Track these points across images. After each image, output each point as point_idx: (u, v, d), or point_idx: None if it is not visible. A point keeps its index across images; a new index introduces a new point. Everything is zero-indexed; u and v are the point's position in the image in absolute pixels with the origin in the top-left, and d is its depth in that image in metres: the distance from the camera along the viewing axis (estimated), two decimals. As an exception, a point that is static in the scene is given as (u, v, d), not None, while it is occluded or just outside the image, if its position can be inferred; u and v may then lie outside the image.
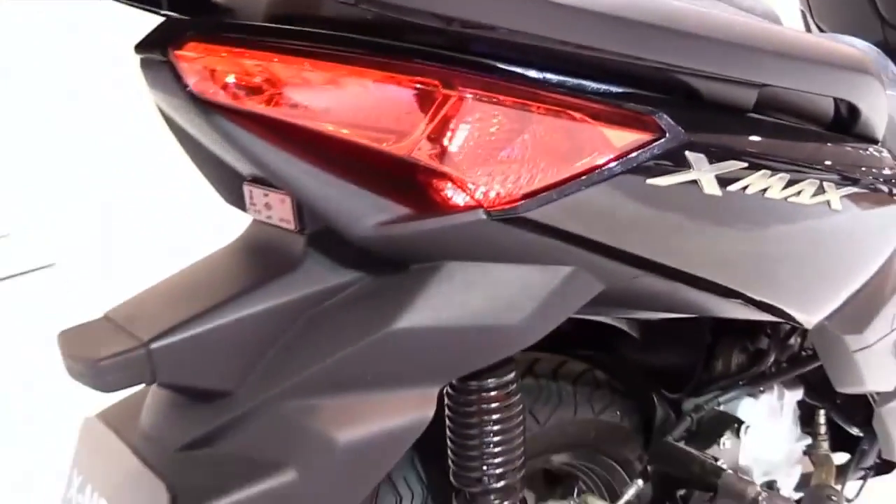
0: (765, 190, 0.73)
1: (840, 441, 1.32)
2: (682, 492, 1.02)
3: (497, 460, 0.75)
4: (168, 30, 0.62)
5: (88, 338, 0.65)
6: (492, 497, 0.76)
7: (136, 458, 0.65)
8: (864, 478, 1.38)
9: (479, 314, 0.66)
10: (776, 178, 0.73)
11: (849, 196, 0.80)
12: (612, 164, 0.65)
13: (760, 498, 0.90)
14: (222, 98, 0.60)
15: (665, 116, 0.67)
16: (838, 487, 1.27)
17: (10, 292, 3.23)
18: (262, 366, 0.66)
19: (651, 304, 0.78)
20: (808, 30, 1.93)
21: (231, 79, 0.60)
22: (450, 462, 0.78)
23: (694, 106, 0.70)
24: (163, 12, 0.72)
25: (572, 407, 0.95)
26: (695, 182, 0.69)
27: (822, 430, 1.25)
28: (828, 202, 0.77)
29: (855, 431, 1.30)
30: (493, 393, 0.74)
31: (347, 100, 0.60)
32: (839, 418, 1.27)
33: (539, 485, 1.08)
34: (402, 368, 0.66)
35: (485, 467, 0.75)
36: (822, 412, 1.24)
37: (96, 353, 0.61)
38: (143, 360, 0.61)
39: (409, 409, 0.66)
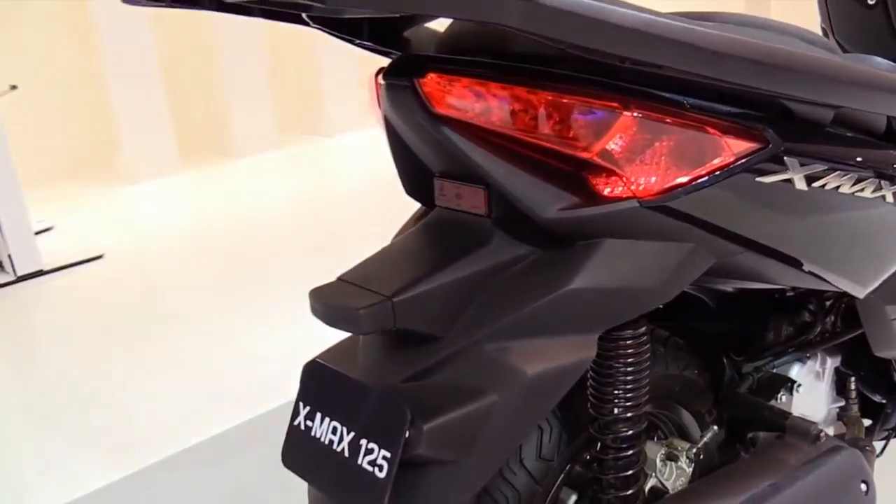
0: (838, 186, 0.94)
1: (865, 408, 1.54)
2: (750, 434, 1.23)
3: (628, 395, 0.97)
4: (410, 64, 0.84)
5: (338, 294, 0.86)
6: (621, 425, 0.98)
7: (373, 389, 0.86)
8: (887, 438, 1.60)
9: (628, 279, 0.87)
10: (847, 177, 0.95)
11: (897, 191, 1.02)
12: (731, 166, 0.87)
13: (822, 435, 1.12)
14: (454, 113, 0.82)
15: (770, 130, 0.88)
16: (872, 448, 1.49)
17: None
18: (464, 317, 0.87)
19: (746, 276, 0.99)
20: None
21: (459, 100, 0.82)
22: (589, 397, 0.99)
23: (788, 122, 0.91)
24: (366, 44, 0.94)
25: (664, 364, 1.16)
26: (790, 180, 0.90)
27: (853, 395, 1.46)
28: (883, 196, 0.99)
29: (878, 399, 1.52)
30: (629, 341, 0.95)
31: (550, 116, 0.81)
32: (865, 387, 1.49)
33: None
34: (571, 319, 0.87)
35: (618, 400, 0.97)
36: (852, 380, 1.46)
37: (356, 304, 0.82)
38: (389, 310, 0.82)
39: (577, 351, 0.87)
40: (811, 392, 1.36)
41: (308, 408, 0.93)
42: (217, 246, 3.79)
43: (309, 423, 0.93)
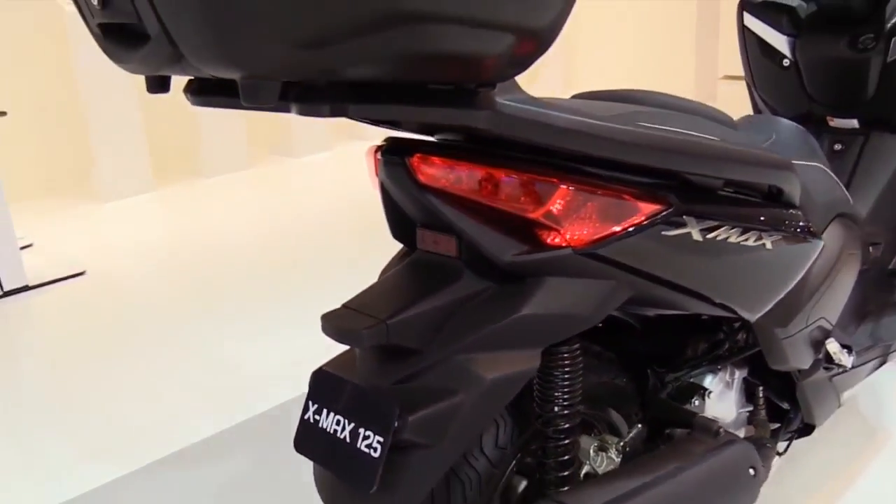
0: (727, 237, 1.23)
1: (773, 414, 1.83)
2: (667, 431, 1.52)
3: (565, 397, 1.24)
4: (401, 145, 1.11)
5: (344, 318, 1.12)
6: (559, 420, 1.25)
7: (370, 390, 1.12)
8: (790, 439, 1.89)
9: (565, 307, 1.15)
10: (734, 230, 1.24)
11: (776, 240, 1.31)
12: (642, 223, 1.15)
13: (721, 431, 1.41)
14: (431, 183, 1.09)
15: (672, 195, 1.17)
16: (776, 456, 1.79)
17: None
18: (441, 336, 1.13)
19: (660, 305, 1.28)
20: (752, 99, 2.47)
21: (438, 174, 1.09)
22: (535, 398, 1.26)
23: (688, 188, 1.20)
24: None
25: (599, 374, 1.44)
26: (689, 233, 1.19)
27: (761, 402, 1.75)
28: (764, 244, 1.29)
29: (784, 405, 1.81)
30: (566, 355, 1.23)
31: (506, 187, 1.08)
32: (772, 394, 1.78)
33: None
34: (521, 338, 1.14)
35: (557, 401, 1.24)
36: (760, 389, 1.75)
37: (359, 326, 1.08)
38: (384, 330, 1.08)
39: (525, 362, 1.14)
40: (722, 398, 1.65)
41: (316, 405, 1.19)
42: (192, 262, 4.01)
43: (317, 417, 1.18)
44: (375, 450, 1.08)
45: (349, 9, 0.78)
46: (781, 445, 1.88)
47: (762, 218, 1.30)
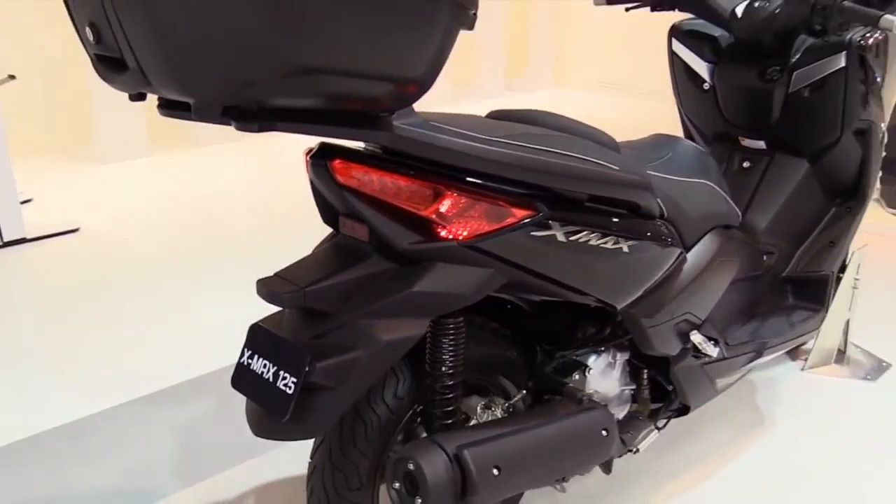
0: (588, 240, 1.54)
1: (658, 394, 2.13)
2: (546, 397, 1.83)
3: (451, 359, 1.55)
4: (327, 150, 1.40)
5: (274, 283, 1.42)
6: (446, 379, 1.56)
7: (290, 342, 1.43)
8: (668, 417, 2.19)
9: (449, 287, 1.45)
10: (594, 235, 1.54)
11: (632, 245, 1.62)
12: (514, 224, 1.45)
13: (585, 398, 1.72)
14: (347, 183, 1.39)
15: (541, 203, 1.47)
16: (655, 431, 2.08)
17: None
18: (349, 303, 1.43)
19: (535, 291, 1.58)
20: (680, 117, 2.76)
21: (353, 176, 1.39)
22: (427, 359, 1.57)
23: (556, 198, 1.50)
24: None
25: (494, 347, 1.75)
26: (554, 234, 1.49)
27: (645, 382, 2.05)
28: (621, 248, 1.59)
29: (670, 388, 2.11)
30: (451, 326, 1.53)
31: (405, 190, 1.38)
32: (657, 376, 2.09)
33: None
34: (413, 309, 1.44)
35: (444, 361, 1.55)
36: (644, 371, 2.06)
37: (283, 290, 1.38)
38: (301, 295, 1.39)
39: (414, 328, 1.44)
40: (605, 376, 1.94)
41: (249, 352, 1.50)
42: (180, 224, 4.32)
43: (249, 361, 1.49)
44: (290, 388, 1.39)
45: (262, 64, 1.08)
46: (662, 423, 2.19)
47: (620, 226, 1.60)
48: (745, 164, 2.53)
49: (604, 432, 1.67)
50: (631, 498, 2.19)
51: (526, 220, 1.46)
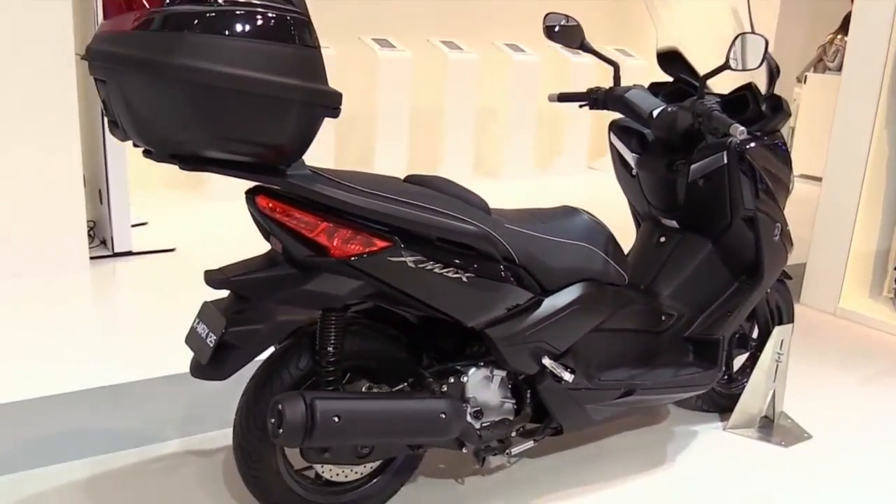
0: (433, 269, 2.17)
1: (540, 415, 2.64)
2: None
3: (331, 343, 2.21)
4: (258, 189, 2.13)
5: (215, 274, 2.13)
6: (329, 357, 2.22)
7: (218, 312, 2.14)
8: (546, 434, 2.66)
9: (329, 289, 2.12)
10: (437, 265, 2.17)
11: (470, 276, 2.23)
12: (376, 251, 2.11)
13: (437, 389, 2.32)
14: (266, 211, 2.10)
15: (397, 238, 2.12)
16: (531, 441, 2.61)
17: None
18: (261, 293, 2.13)
19: (400, 304, 2.22)
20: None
21: (268, 207, 2.10)
22: (316, 344, 2.23)
23: (410, 235, 2.14)
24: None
25: (383, 344, 2.39)
26: (405, 261, 2.14)
27: (528, 400, 2.56)
28: (460, 277, 2.21)
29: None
30: (333, 318, 2.21)
31: (300, 220, 2.07)
32: (539, 395, 2.61)
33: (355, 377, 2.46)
34: (306, 301, 2.12)
35: (326, 345, 2.21)
36: (528, 392, 2.59)
37: (216, 278, 2.11)
38: (228, 283, 2.10)
39: (303, 314, 2.15)
40: (483, 387, 2.45)
41: (198, 320, 2.23)
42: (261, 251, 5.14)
43: (196, 326, 2.22)
44: (211, 343, 2.10)
45: (182, 135, 1.82)
46: (539, 437, 2.66)
47: (460, 262, 2.22)
48: (661, 240, 3.06)
49: (442, 416, 2.26)
50: None
51: (385, 248, 2.12)
